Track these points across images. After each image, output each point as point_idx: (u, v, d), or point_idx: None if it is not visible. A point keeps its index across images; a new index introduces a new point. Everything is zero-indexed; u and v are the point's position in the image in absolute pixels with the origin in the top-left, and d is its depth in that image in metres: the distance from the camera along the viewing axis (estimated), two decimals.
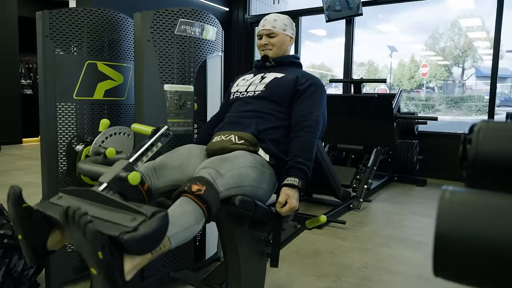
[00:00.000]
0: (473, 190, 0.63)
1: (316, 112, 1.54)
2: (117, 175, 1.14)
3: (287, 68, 1.71)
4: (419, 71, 19.60)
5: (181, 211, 1.12)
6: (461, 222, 0.58)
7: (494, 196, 0.61)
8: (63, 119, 1.80)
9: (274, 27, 1.71)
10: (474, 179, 0.80)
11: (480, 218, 0.58)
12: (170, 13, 1.75)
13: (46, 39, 1.74)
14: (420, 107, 17.16)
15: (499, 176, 0.77)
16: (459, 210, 0.60)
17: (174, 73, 1.79)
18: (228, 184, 1.25)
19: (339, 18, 5.21)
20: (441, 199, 0.62)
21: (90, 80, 1.85)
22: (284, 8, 6.38)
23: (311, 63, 17.90)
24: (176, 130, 1.82)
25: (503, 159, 0.74)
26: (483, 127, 0.79)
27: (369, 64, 19.65)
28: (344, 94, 4.62)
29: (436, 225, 0.59)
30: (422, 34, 17.50)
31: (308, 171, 1.43)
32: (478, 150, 0.77)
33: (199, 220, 1.15)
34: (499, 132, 0.78)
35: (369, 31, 16.22)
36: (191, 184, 1.16)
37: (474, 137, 0.79)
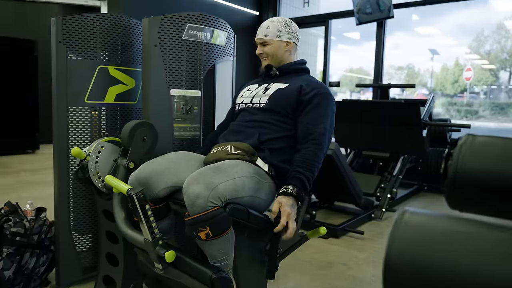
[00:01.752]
0: (436, 214, 0.57)
1: (322, 124, 1.49)
2: (157, 255, 1.30)
3: (292, 76, 1.66)
4: (463, 75, 18.74)
5: (214, 251, 1.28)
6: (412, 248, 0.52)
7: (456, 222, 0.54)
8: (75, 122, 1.85)
9: (266, 36, 1.66)
10: (453, 198, 0.73)
11: (432, 246, 0.52)
12: (177, 18, 1.75)
13: (60, 44, 1.79)
14: (462, 113, 16.38)
15: (479, 196, 0.70)
16: (412, 234, 0.54)
17: (181, 78, 1.79)
18: (223, 196, 1.23)
19: (370, 21, 5.07)
20: (397, 221, 0.56)
21: (101, 84, 1.89)
22: (315, 11, 6.30)
23: (349, 67, 17.56)
24: (182, 135, 1.82)
25: (482, 178, 0.67)
26: (467, 142, 0.72)
27: (408, 68, 19.02)
28: (369, 99, 4.48)
29: (386, 248, 0.54)
30: (466, 36, 16.70)
31: (306, 180, 1.38)
32: (458, 167, 0.70)
33: (230, 240, 1.30)
34: (484, 148, 0.71)
35: (409, 34, 15.71)
36: (198, 234, 1.22)
37: (456, 152, 0.72)
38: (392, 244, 0.53)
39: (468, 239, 0.52)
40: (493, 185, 0.66)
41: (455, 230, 0.53)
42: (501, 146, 0.70)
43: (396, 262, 0.53)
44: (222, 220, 1.20)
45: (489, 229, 0.54)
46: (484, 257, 0.49)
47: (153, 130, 1.62)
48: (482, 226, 0.54)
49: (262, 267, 1.54)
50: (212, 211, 1.18)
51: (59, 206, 1.88)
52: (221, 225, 1.21)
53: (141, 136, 1.58)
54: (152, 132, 1.62)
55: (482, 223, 0.55)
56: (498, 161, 0.67)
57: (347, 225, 2.85)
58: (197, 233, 1.20)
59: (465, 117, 16.02)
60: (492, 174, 0.66)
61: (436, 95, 18.44)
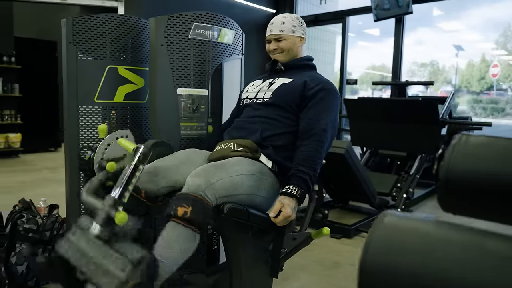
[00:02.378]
0: (418, 218, 0.55)
1: (324, 119, 1.47)
2: (107, 215, 1.16)
3: (297, 71, 1.64)
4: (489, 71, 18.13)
5: (169, 239, 1.16)
6: (388, 252, 0.50)
7: (438, 227, 0.52)
8: (85, 121, 1.89)
9: (282, 31, 1.65)
10: (445, 200, 0.70)
11: (409, 251, 0.49)
12: (184, 17, 1.76)
13: (70, 45, 1.83)
14: (488, 111, 15.86)
15: (472, 198, 0.67)
16: (389, 238, 0.52)
17: (188, 77, 1.79)
18: (219, 193, 1.23)
19: (388, 17, 4.97)
20: (375, 223, 0.54)
21: (111, 84, 1.91)
22: (333, 8, 6.22)
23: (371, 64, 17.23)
24: (189, 133, 1.83)
25: (474, 180, 0.64)
26: (460, 142, 0.69)
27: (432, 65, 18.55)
28: (386, 97, 4.39)
29: (362, 251, 0.52)
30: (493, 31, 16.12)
31: (309, 180, 1.36)
32: (449, 168, 0.68)
33: (190, 240, 1.17)
34: (478, 148, 0.68)
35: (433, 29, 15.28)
36: (177, 207, 1.16)
37: (448, 153, 0.69)
38: (368, 247, 0.52)
39: (448, 245, 0.50)
40: (486, 187, 0.63)
41: (435, 235, 0.51)
42: (495, 146, 0.66)
43: (372, 266, 0.51)
44: (206, 213, 1.18)
45: (472, 235, 0.51)
46: (461, 265, 0.46)
47: (169, 150, 1.62)
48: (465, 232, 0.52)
49: (267, 266, 1.53)
50: (202, 199, 1.18)
51: (70, 203, 1.92)
52: (203, 217, 1.16)
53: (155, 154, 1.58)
54: (168, 152, 1.62)
55: (466, 229, 0.53)
56: (491, 163, 0.64)
57: (360, 225, 2.80)
58: (176, 207, 1.15)
59: (491, 115, 15.51)
60: (485, 176, 0.63)
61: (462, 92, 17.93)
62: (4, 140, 5.60)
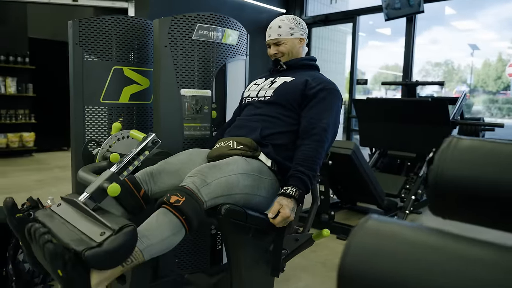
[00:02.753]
0: (401, 223, 0.54)
1: (325, 119, 1.46)
2: (100, 186, 1.17)
3: (299, 71, 1.64)
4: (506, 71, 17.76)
5: (156, 223, 1.12)
6: (367, 258, 0.50)
7: (422, 233, 0.51)
8: (91, 121, 1.91)
9: (279, 35, 1.65)
10: (435, 204, 0.69)
11: (389, 257, 0.49)
12: (187, 18, 1.77)
13: (76, 46, 1.85)
14: (505, 111, 15.56)
15: (460, 204, 0.66)
16: (370, 243, 0.51)
17: (192, 78, 1.80)
18: (214, 192, 1.23)
19: (399, 16, 4.91)
20: (357, 227, 0.54)
21: (116, 84, 1.94)
22: (343, 8, 6.18)
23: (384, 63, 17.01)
24: (192, 134, 1.84)
25: (462, 185, 0.63)
26: (450, 146, 0.68)
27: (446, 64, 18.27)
28: (395, 97, 4.34)
29: (341, 255, 0.51)
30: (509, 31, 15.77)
31: (308, 181, 1.36)
32: (438, 172, 0.67)
33: (176, 232, 1.14)
34: (467, 152, 0.67)
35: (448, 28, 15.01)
36: (171, 195, 1.16)
37: (437, 157, 0.68)
38: (347, 251, 0.51)
39: (430, 253, 0.49)
40: (475, 193, 0.62)
41: (417, 242, 0.50)
42: (486, 150, 0.65)
43: (350, 271, 0.50)
44: (197, 210, 1.17)
45: (456, 243, 0.51)
46: (442, 274, 0.46)
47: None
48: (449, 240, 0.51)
49: (267, 267, 1.53)
50: (197, 196, 1.18)
51: None
52: (193, 210, 1.15)
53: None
54: None
55: (451, 236, 0.52)
56: (479, 168, 0.63)
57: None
58: (170, 195, 1.15)
59: (507, 115, 15.22)
60: (473, 181, 0.62)
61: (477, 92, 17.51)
62: (18, 139, 5.72)
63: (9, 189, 3.86)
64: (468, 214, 0.65)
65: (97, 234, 1.00)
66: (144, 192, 1.37)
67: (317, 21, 5.91)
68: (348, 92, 5.63)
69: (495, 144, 0.65)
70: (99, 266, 0.97)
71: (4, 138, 5.60)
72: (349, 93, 5.61)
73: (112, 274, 1.01)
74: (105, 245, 0.96)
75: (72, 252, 0.96)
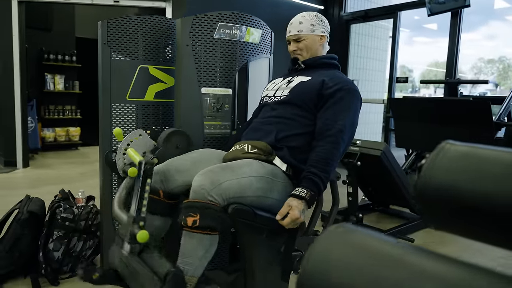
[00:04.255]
0: (371, 232, 0.51)
1: (341, 120, 1.42)
2: (131, 234, 1.24)
3: (318, 70, 1.60)
4: None
5: (189, 248, 1.23)
6: (327, 266, 0.47)
7: (387, 244, 0.48)
8: (117, 118, 1.98)
9: (300, 31, 1.62)
10: (424, 214, 0.65)
11: (349, 266, 0.46)
12: (209, 17, 1.78)
13: (104, 46, 1.92)
14: None
15: (449, 215, 0.61)
16: (332, 251, 0.49)
17: (213, 76, 1.82)
18: (226, 194, 1.24)
19: (443, 11, 4.67)
20: (321, 234, 0.51)
21: (142, 82, 1.99)
22: (385, 3, 5.97)
23: (434, 60, 16.18)
24: (212, 132, 1.85)
25: (447, 194, 0.59)
26: (439, 152, 0.64)
27: (500, 61, 17.14)
28: (432, 97, 4.13)
29: (302, 262, 0.49)
30: None
31: (320, 183, 1.32)
32: (425, 180, 0.62)
33: (210, 244, 1.24)
34: (457, 160, 0.62)
35: (505, 23, 14.05)
36: (186, 217, 1.20)
37: (426, 164, 0.64)
38: (308, 260, 0.49)
39: (393, 266, 0.46)
40: (459, 205, 0.58)
41: (381, 253, 0.48)
42: (477, 158, 0.60)
43: (310, 280, 0.48)
44: (215, 216, 1.20)
45: (422, 259, 0.47)
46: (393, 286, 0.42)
47: (187, 140, 1.67)
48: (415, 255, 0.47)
49: (280, 268, 1.51)
50: (209, 203, 1.20)
51: (103, 196, 2.03)
52: (212, 220, 1.19)
53: (175, 144, 1.64)
54: (187, 141, 1.67)
55: (419, 251, 0.48)
56: (466, 177, 0.58)
57: (396, 231, 2.68)
58: (186, 217, 1.19)
59: None
60: (458, 191, 0.58)
61: None
62: (65, 133, 6.05)
63: (55, 180, 4.10)
64: (457, 226, 0.61)
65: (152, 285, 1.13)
66: (163, 192, 1.41)
67: (356, 17, 5.75)
68: (388, 90, 5.45)
69: (491, 152, 0.60)
70: None
71: (53, 132, 5.95)
72: (388, 91, 5.42)
73: None
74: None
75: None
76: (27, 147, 4.72)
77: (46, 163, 5.04)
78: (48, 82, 5.93)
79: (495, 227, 0.58)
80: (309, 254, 0.50)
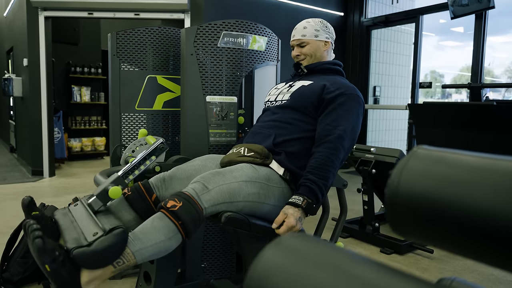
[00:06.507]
0: (319, 242, 0.48)
1: (341, 126, 1.38)
2: (105, 188, 1.22)
3: (320, 75, 1.57)
4: None
5: (151, 226, 1.13)
6: (271, 274, 0.46)
7: (327, 252, 0.46)
8: (127, 127, 2.02)
9: (303, 36, 1.60)
10: (394, 222, 0.62)
11: (291, 274, 0.44)
12: (213, 26, 1.79)
13: (114, 57, 1.97)
14: None
15: (418, 226, 0.58)
16: (274, 260, 0.47)
17: (217, 85, 1.82)
18: (215, 199, 1.22)
19: (467, 13, 4.52)
20: (271, 243, 0.49)
21: (150, 92, 2.03)
22: (408, 7, 5.85)
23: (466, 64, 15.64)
24: (218, 140, 1.86)
25: (416, 202, 0.56)
26: (410, 158, 0.60)
27: None
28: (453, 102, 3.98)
29: (248, 272, 0.48)
30: None
31: (318, 190, 1.29)
32: (395, 187, 0.59)
33: (171, 237, 1.14)
34: (432, 166, 0.59)
35: None
36: (169, 200, 1.17)
37: (396, 171, 0.61)
38: (254, 269, 0.47)
39: (331, 274, 0.44)
40: (428, 213, 0.54)
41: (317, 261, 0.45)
42: (449, 163, 0.56)
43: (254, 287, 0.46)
44: (194, 216, 1.15)
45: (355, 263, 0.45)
46: None
47: None
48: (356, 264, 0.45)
49: None
50: (195, 203, 1.17)
51: None
52: (190, 216, 1.14)
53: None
54: None
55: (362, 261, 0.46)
56: (436, 183, 0.54)
57: (414, 242, 2.58)
58: (169, 200, 1.16)
59: None
60: (428, 198, 0.54)
61: None
62: (91, 143, 6.23)
63: (78, 188, 4.22)
64: (427, 237, 0.57)
65: (90, 233, 1.04)
66: (155, 197, 1.40)
67: (376, 22, 5.66)
68: (411, 95, 5.31)
69: (465, 157, 0.56)
70: (87, 265, 1.01)
71: (79, 142, 6.14)
72: (411, 97, 5.28)
73: (103, 274, 1.05)
74: (94, 245, 1.00)
75: (64, 249, 1.01)
76: (53, 157, 4.89)
77: (71, 172, 5.20)
78: (75, 94, 6.15)
79: (464, 238, 0.54)
80: (256, 261, 0.48)
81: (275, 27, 2.71)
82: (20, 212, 2.65)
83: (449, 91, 8.22)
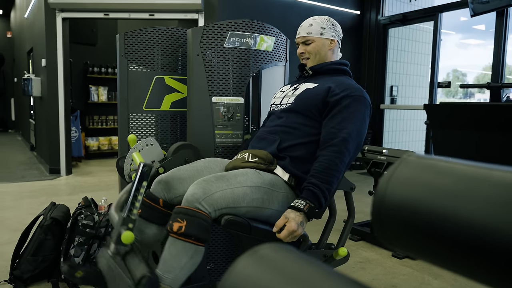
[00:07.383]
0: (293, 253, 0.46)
1: (346, 129, 1.35)
2: (118, 234, 1.24)
3: (326, 76, 1.54)
4: None
5: (171, 255, 1.19)
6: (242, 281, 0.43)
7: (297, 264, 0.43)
8: (134, 127, 2.02)
9: (309, 33, 1.56)
10: (380, 232, 0.59)
11: None
12: (219, 26, 1.78)
13: (122, 58, 1.98)
14: None
15: (404, 237, 0.55)
16: (246, 272, 0.44)
17: (223, 85, 1.81)
18: (217, 204, 1.21)
19: (487, 11, 4.38)
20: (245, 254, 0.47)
21: (158, 93, 2.03)
22: (425, 4, 5.72)
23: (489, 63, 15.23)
24: (224, 141, 1.84)
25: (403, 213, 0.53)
26: (401, 165, 0.57)
27: None
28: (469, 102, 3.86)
29: None
30: None
31: (321, 194, 1.26)
32: (381, 195, 0.56)
33: (192, 254, 1.19)
34: (422, 174, 0.55)
35: None
36: (173, 223, 1.18)
37: (383, 179, 0.58)
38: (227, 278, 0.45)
39: None
40: (414, 224, 0.51)
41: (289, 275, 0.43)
42: (440, 172, 0.53)
43: None
44: (202, 225, 1.17)
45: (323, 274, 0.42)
46: None
47: (196, 153, 1.67)
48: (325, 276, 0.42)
49: None
50: (198, 211, 1.18)
51: None
52: (197, 229, 1.17)
53: (184, 157, 1.65)
54: (195, 155, 1.67)
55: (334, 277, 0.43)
56: (424, 193, 0.51)
57: None
58: (172, 222, 1.18)
59: None
60: (415, 209, 0.51)
61: None
62: (107, 142, 6.32)
63: (94, 187, 4.29)
64: (414, 249, 0.54)
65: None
66: (163, 201, 1.41)
67: (393, 21, 5.55)
68: (429, 95, 5.19)
69: (456, 165, 0.53)
70: None
71: (96, 141, 6.24)
72: (429, 96, 5.16)
73: None
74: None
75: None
76: (70, 156, 4.98)
77: (87, 171, 5.29)
78: (92, 94, 6.25)
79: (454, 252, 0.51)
80: (229, 271, 0.47)
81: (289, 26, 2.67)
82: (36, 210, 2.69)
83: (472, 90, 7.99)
